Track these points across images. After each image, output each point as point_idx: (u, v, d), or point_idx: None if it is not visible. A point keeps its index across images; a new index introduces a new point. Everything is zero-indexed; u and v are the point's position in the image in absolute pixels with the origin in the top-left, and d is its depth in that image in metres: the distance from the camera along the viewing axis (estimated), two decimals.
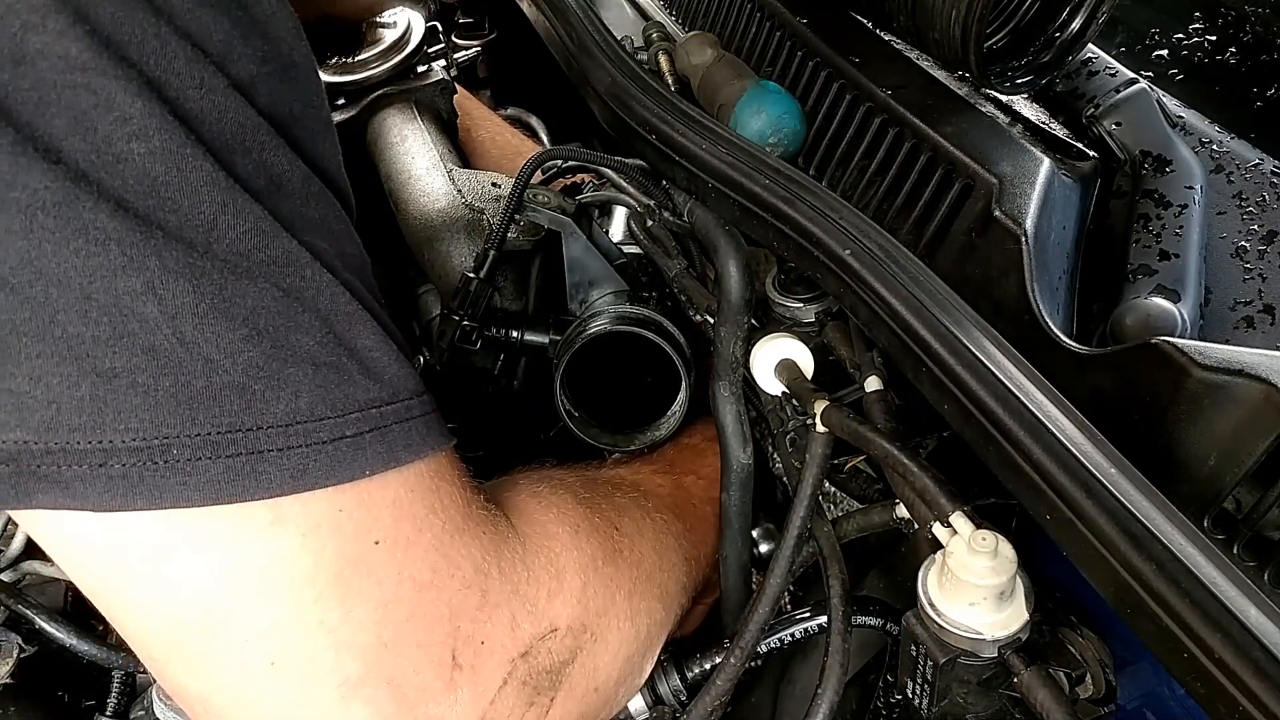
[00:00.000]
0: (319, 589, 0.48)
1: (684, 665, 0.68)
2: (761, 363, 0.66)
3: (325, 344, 0.47)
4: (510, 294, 0.89)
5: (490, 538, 0.56)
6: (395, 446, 0.50)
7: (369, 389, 0.49)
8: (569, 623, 0.59)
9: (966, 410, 0.53)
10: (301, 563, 0.47)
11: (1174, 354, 0.50)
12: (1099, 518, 0.46)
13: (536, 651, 0.57)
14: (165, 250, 0.42)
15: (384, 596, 0.50)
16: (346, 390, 0.48)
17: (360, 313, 0.49)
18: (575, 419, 0.80)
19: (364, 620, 0.49)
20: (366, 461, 0.48)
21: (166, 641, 0.48)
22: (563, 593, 0.59)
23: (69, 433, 0.42)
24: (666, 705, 0.67)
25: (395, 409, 0.50)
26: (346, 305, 0.49)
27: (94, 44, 0.40)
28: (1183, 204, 0.65)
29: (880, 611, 0.66)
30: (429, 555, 0.52)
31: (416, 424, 0.51)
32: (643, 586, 0.66)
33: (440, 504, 0.53)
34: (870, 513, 0.64)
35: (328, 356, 0.47)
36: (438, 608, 0.52)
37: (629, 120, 0.78)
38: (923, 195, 0.69)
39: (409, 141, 1.08)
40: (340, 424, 0.47)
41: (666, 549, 0.70)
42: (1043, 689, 0.52)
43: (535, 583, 0.58)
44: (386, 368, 0.50)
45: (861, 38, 0.81)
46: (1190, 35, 0.82)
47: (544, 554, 0.59)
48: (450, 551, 0.53)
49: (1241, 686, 0.40)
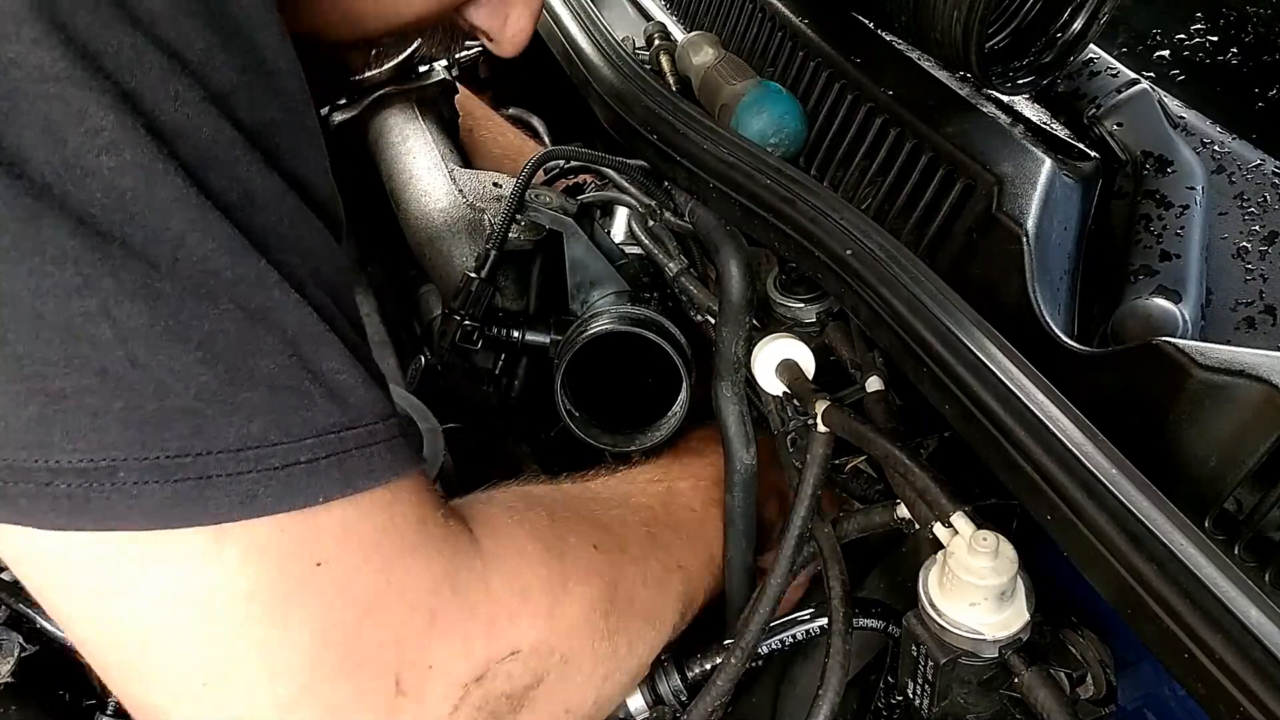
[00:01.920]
0: (257, 611, 0.47)
1: (684, 665, 0.68)
2: (763, 363, 0.66)
3: (287, 367, 0.46)
4: (511, 294, 0.89)
5: (447, 557, 0.54)
6: (354, 473, 0.48)
7: (330, 413, 0.48)
8: (533, 644, 0.56)
9: (967, 410, 0.53)
10: (240, 584, 0.46)
11: (1175, 354, 0.50)
12: (1100, 518, 0.46)
13: (494, 675, 0.54)
14: (123, 270, 0.42)
15: (324, 620, 0.48)
16: (305, 414, 0.47)
17: (328, 334, 0.48)
18: (576, 419, 0.80)
19: (302, 643, 0.48)
20: (320, 488, 0.47)
21: (108, 655, 0.48)
22: (527, 613, 0.57)
23: (16, 450, 0.42)
24: (667, 705, 0.67)
25: (357, 434, 0.49)
26: (314, 326, 0.47)
27: (69, 54, 0.40)
28: (1184, 204, 0.65)
29: (882, 613, 0.66)
30: (374, 578, 0.50)
31: (379, 449, 0.50)
32: (623, 604, 0.63)
33: (393, 524, 0.51)
34: (871, 513, 0.64)
35: (288, 380, 0.46)
36: (381, 631, 0.50)
37: (630, 120, 0.78)
38: (924, 196, 0.69)
39: (410, 141, 1.08)
40: (295, 449, 0.46)
41: (653, 563, 0.67)
42: (1043, 689, 0.52)
43: (495, 602, 0.55)
44: (352, 390, 0.49)
45: (863, 38, 0.81)
46: (1192, 36, 0.82)
47: (507, 572, 0.57)
48: (397, 573, 0.51)
49: (1242, 687, 0.40)
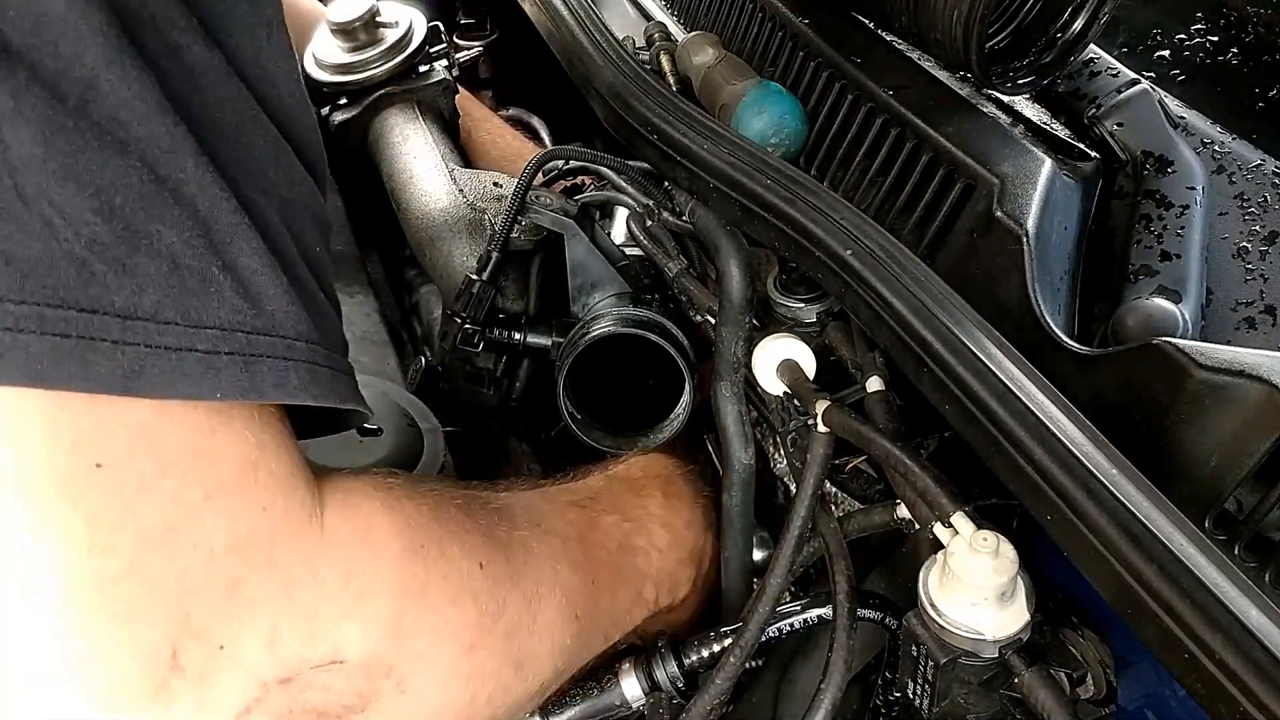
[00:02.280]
0: (40, 495, 0.40)
1: (682, 652, 0.67)
2: (763, 363, 0.67)
3: (193, 246, 0.42)
4: (512, 294, 0.89)
5: (277, 517, 0.46)
6: (262, 381, 0.43)
7: (239, 310, 0.43)
8: (364, 657, 0.48)
9: (968, 411, 0.53)
10: (68, 464, 0.40)
11: (1175, 355, 0.50)
12: (1100, 518, 0.46)
13: (307, 683, 0.46)
14: (25, 93, 0.38)
15: (107, 530, 0.41)
16: (207, 302, 0.42)
17: (250, 231, 0.44)
18: (579, 421, 0.80)
19: (67, 562, 0.40)
20: (217, 384, 0.42)
21: None
22: (361, 616, 0.48)
23: None
24: (663, 691, 0.66)
25: (270, 342, 0.44)
26: (233, 215, 0.43)
27: None
28: (1184, 205, 0.65)
29: (880, 605, 0.66)
30: (169, 505, 0.42)
31: (296, 368, 0.44)
32: (495, 643, 0.54)
33: (226, 452, 0.44)
34: (871, 513, 0.64)
35: (193, 260, 0.42)
36: (163, 577, 0.42)
37: (631, 120, 0.78)
38: (924, 196, 0.69)
39: (411, 141, 1.08)
40: (191, 334, 0.41)
41: (547, 606, 0.58)
42: (1044, 689, 0.52)
43: (322, 592, 0.47)
44: (270, 297, 0.44)
45: (863, 38, 0.81)
46: (1192, 36, 0.82)
47: (346, 560, 0.48)
48: (202, 511, 0.43)
49: (1242, 687, 0.40)
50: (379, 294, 1.09)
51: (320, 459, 0.73)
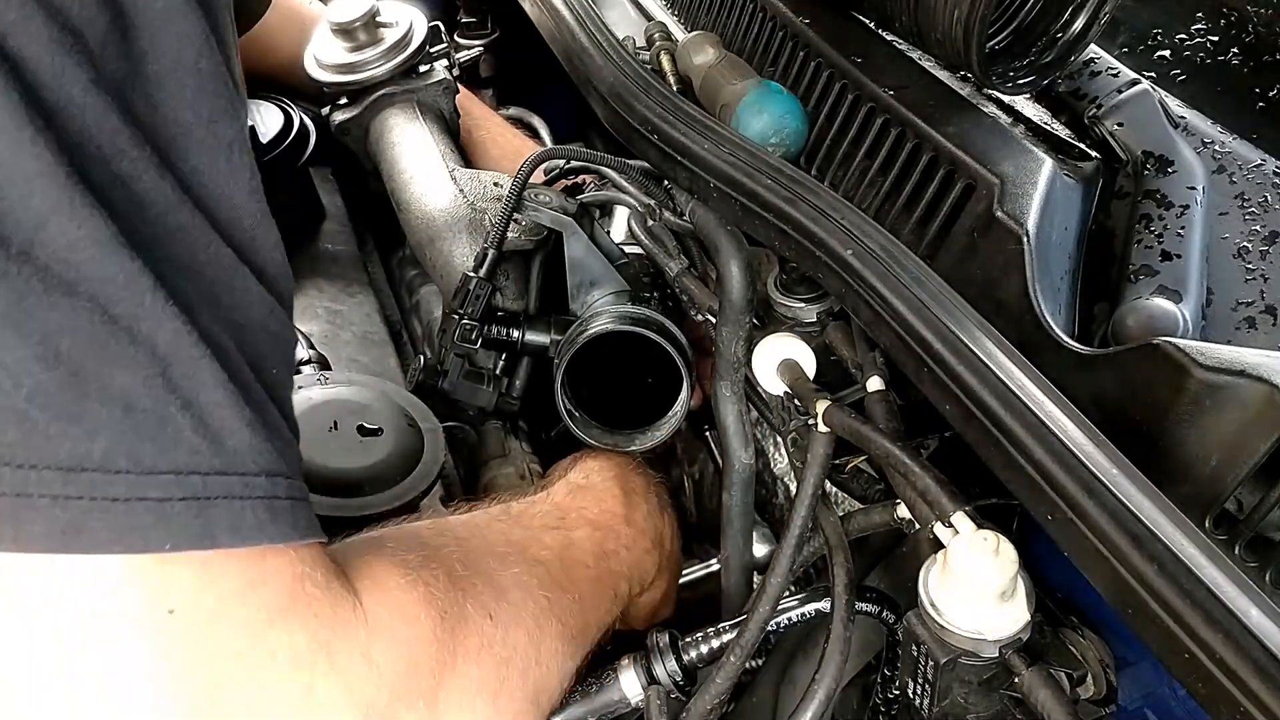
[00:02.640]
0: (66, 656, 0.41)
1: (681, 648, 0.67)
2: (763, 363, 0.67)
3: (150, 387, 0.41)
4: (512, 294, 0.89)
5: (325, 623, 0.48)
6: (215, 526, 0.42)
7: (198, 450, 0.42)
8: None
9: (968, 410, 0.53)
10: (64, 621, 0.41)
11: (1176, 354, 0.50)
12: (1100, 518, 0.46)
13: None
14: None
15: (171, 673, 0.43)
16: (164, 445, 0.41)
17: (211, 364, 0.43)
18: (576, 419, 0.80)
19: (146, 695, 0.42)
20: (168, 534, 0.41)
21: None
22: (410, 693, 0.51)
23: None
24: (662, 685, 0.66)
25: (228, 481, 0.43)
26: (193, 351, 0.42)
27: None
28: (1185, 204, 0.65)
29: (878, 599, 0.66)
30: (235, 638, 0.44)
31: (254, 507, 0.44)
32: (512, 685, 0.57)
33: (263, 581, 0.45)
34: (871, 513, 0.64)
35: (149, 402, 0.41)
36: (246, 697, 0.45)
37: (631, 120, 0.78)
38: (924, 195, 0.69)
39: (411, 141, 1.08)
40: (143, 482, 0.41)
41: (547, 638, 0.61)
42: (1044, 689, 0.52)
43: (378, 680, 0.49)
44: (232, 433, 0.43)
45: (863, 38, 0.81)
46: (1193, 36, 0.82)
47: (392, 643, 0.51)
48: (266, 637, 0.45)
49: (1243, 687, 0.40)
50: (379, 294, 1.09)
51: (320, 459, 0.73)
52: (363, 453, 0.74)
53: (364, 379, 0.82)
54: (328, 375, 0.82)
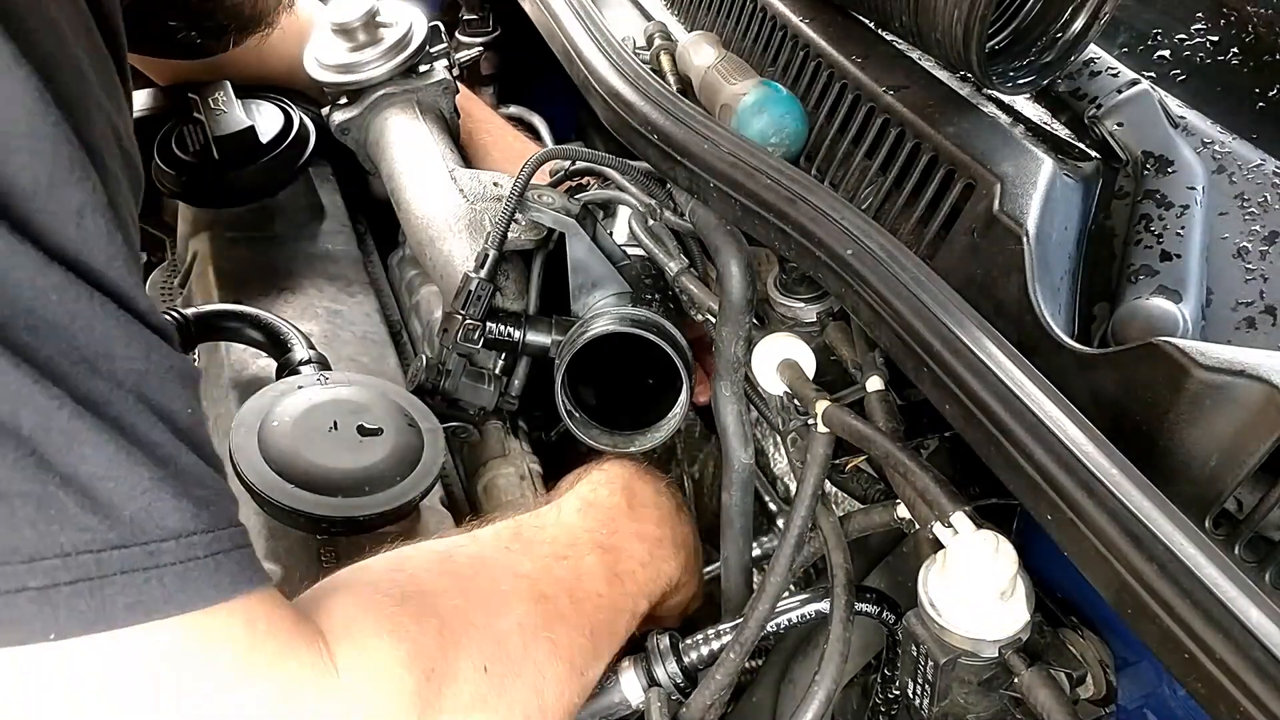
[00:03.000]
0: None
1: (681, 650, 0.67)
2: (763, 362, 0.67)
3: (20, 470, 0.39)
4: (512, 293, 0.89)
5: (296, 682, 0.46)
6: (111, 606, 0.40)
7: (88, 528, 0.40)
8: None
9: (968, 410, 0.53)
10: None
11: (1175, 354, 0.50)
12: (1100, 518, 0.46)
13: None
14: None
15: None
16: (45, 529, 0.39)
17: (90, 433, 0.40)
18: (576, 420, 0.80)
19: None
20: (54, 622, 0.39)
21: None
22: None
23: None
24: (663, 688, 0.66)
25: (127, 555, 0.41)
26: (69, 423, 0.40)
27: None
28: (1184, 205, 0.65)
29: (877, 599, 0.66)
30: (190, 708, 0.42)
31: (164, 575, 0.41)
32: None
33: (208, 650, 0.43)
34: (871, 513, 0.64)
35: (23, 485, 0.39)
36: None
37: (631, 120, 0.78)
38: (924, 195, 0.69)
39: (411, 141, 1.08)
40: (21, 572, 0.39)
41: (550, 681, 0.60)
42: (1043, 689, 0.52)
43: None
44: (128, 501, 0.41)
45: (863, 38, 0.81)
46: (1193, 36, 0.82)
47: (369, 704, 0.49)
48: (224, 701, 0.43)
49: (1242, 687, 0.40)
50: (379, 294, 1.09)
51: (320, 459, 0.73)
52: (363, 453, 0.74)
53: (364, 379, 0.82)
54: (328, 375, 0.82)
